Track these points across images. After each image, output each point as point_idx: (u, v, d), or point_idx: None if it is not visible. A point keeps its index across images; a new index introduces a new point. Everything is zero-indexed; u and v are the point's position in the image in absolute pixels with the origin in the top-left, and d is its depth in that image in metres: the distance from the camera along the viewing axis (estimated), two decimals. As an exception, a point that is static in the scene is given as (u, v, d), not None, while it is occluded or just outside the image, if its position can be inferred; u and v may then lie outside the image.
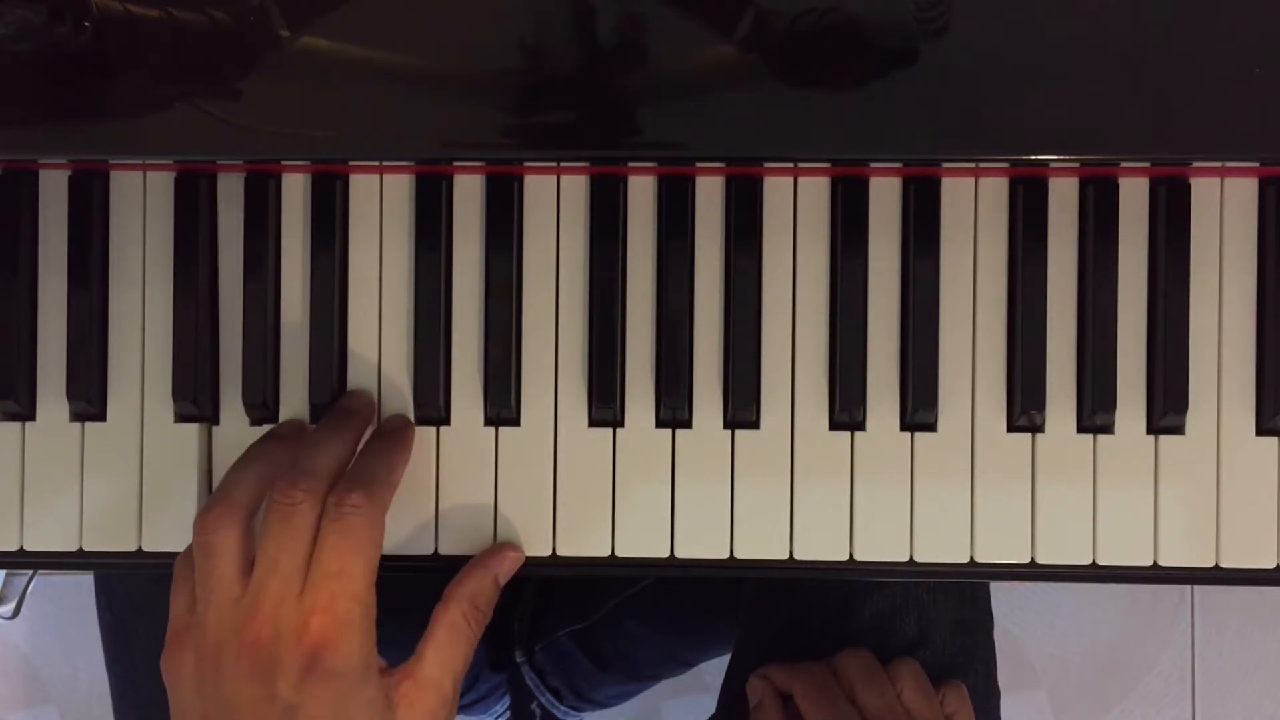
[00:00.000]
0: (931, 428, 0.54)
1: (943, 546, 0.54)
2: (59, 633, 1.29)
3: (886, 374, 0.54)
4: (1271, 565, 0.55)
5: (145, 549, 0.55)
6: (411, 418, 0.55)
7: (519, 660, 0.95)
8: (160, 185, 0.55)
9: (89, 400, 0.54)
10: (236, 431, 0.55)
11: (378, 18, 0.49)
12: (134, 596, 0.67)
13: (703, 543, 0.54)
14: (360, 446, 0.53)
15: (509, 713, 1.00)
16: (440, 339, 0.54)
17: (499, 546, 0.54)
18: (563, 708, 0.97)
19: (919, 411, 0.54)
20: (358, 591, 0.48)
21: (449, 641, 0.51)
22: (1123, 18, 0.48)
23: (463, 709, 1.00)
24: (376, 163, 0.55)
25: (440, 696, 0.50)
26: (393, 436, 0.53)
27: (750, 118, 0.49)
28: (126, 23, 0.48)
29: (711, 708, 0.73)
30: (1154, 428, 0.54)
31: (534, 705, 0.96)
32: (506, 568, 0.53)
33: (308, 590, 0.47)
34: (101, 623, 0.69)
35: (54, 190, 0.55)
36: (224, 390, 0.55)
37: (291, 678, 0.46)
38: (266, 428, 0.55)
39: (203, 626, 0.48)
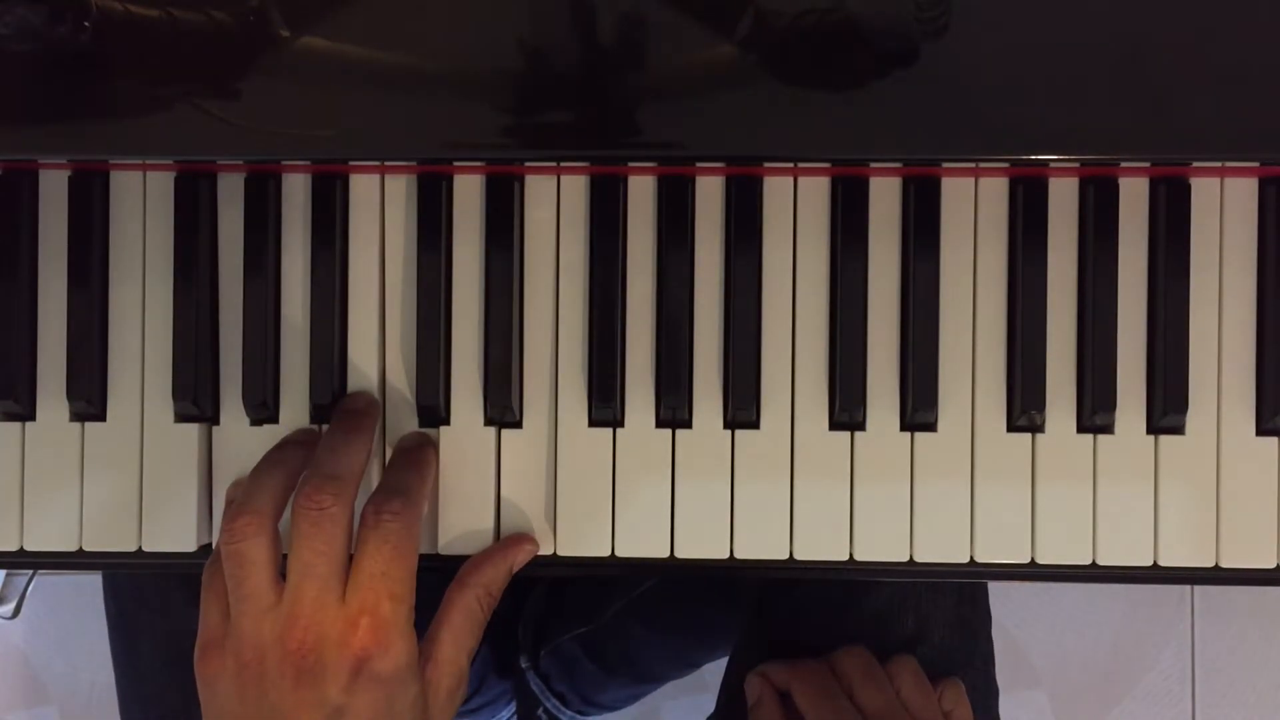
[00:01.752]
0: (931, 428, 0.54)
1: (943, 546, 0.54)
2: (59, 633, 1.29)
3: (886, 374, 0.54)
4: (1271, 565, 0.55)
5: (145, 549, 0.55)
6: (414, 417, 0.55)
7: (524, 666, 0.95)
8: (160, 185, 0.55)
9: (89, 400, 0.54)
10: (236, 432, 0.55)
11: (378, 18, 0.49)
12: (140, 591, 0.67)
13: (703, 543, 0.54)
14: (373, 448, 0.53)
15: (515, 719, 0.99)
16: (440, 339, 0.54)
17: (516, 537, 0.54)
18: (569, 712, 0.97)
19: (919, 411, 0.54)
20: (400, 594, 0.48)
21: (463, 624, 0.52)
22: (1123, 17, 0.48)
23: (469, 714, 1.00)
24: (376, 163, 0.55)
25: (458, 675, 0.51)
26: (419, 452, 0.54)
27: (750, 118, 0.49)
28: (126, 23, 0.48)
29: (711, 707, 0.73)
30: (1154, 428, 0.54)
31: (540, 711, 0.96)
32: (521, 559, 0.54)
33: (351, 594, 0.48)
34: (108, 616, 0.69)
35: (54, 190, 0.55)
36: (224, 390, 0.55)
37: (340, 681, 0.47)
38: (267, 428, 0.55)
39: (240, 635, 0.48)
